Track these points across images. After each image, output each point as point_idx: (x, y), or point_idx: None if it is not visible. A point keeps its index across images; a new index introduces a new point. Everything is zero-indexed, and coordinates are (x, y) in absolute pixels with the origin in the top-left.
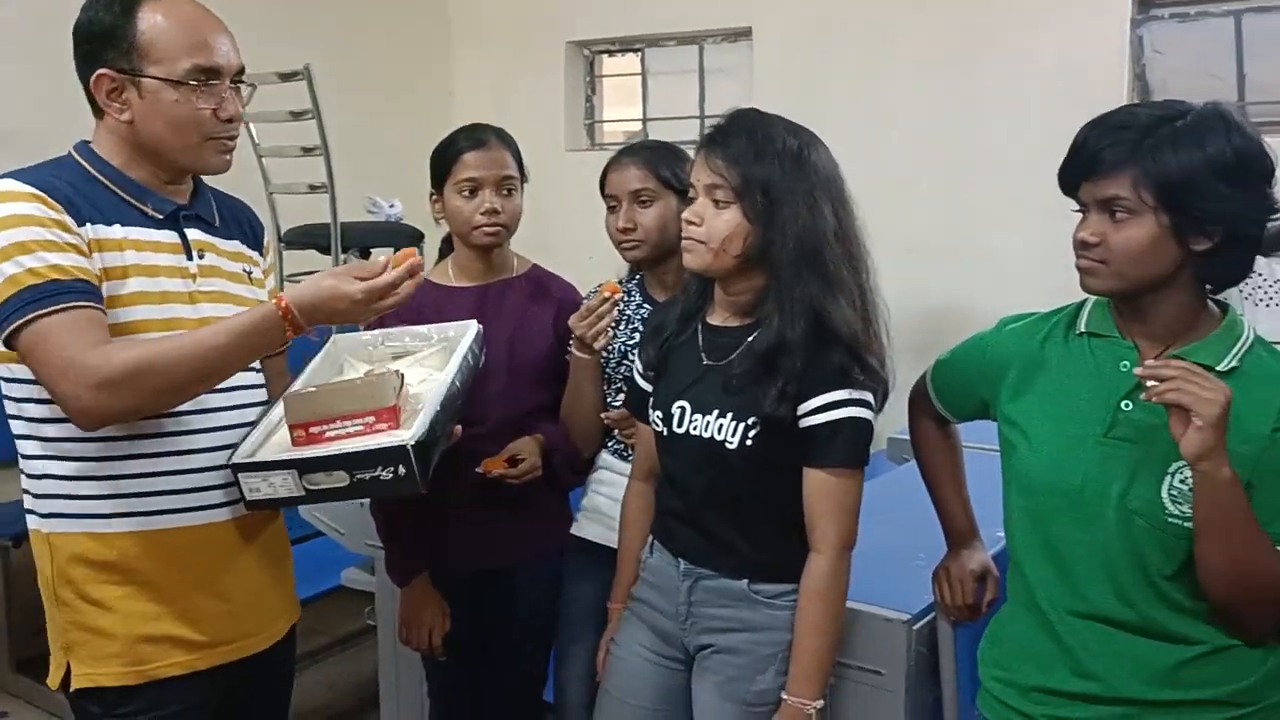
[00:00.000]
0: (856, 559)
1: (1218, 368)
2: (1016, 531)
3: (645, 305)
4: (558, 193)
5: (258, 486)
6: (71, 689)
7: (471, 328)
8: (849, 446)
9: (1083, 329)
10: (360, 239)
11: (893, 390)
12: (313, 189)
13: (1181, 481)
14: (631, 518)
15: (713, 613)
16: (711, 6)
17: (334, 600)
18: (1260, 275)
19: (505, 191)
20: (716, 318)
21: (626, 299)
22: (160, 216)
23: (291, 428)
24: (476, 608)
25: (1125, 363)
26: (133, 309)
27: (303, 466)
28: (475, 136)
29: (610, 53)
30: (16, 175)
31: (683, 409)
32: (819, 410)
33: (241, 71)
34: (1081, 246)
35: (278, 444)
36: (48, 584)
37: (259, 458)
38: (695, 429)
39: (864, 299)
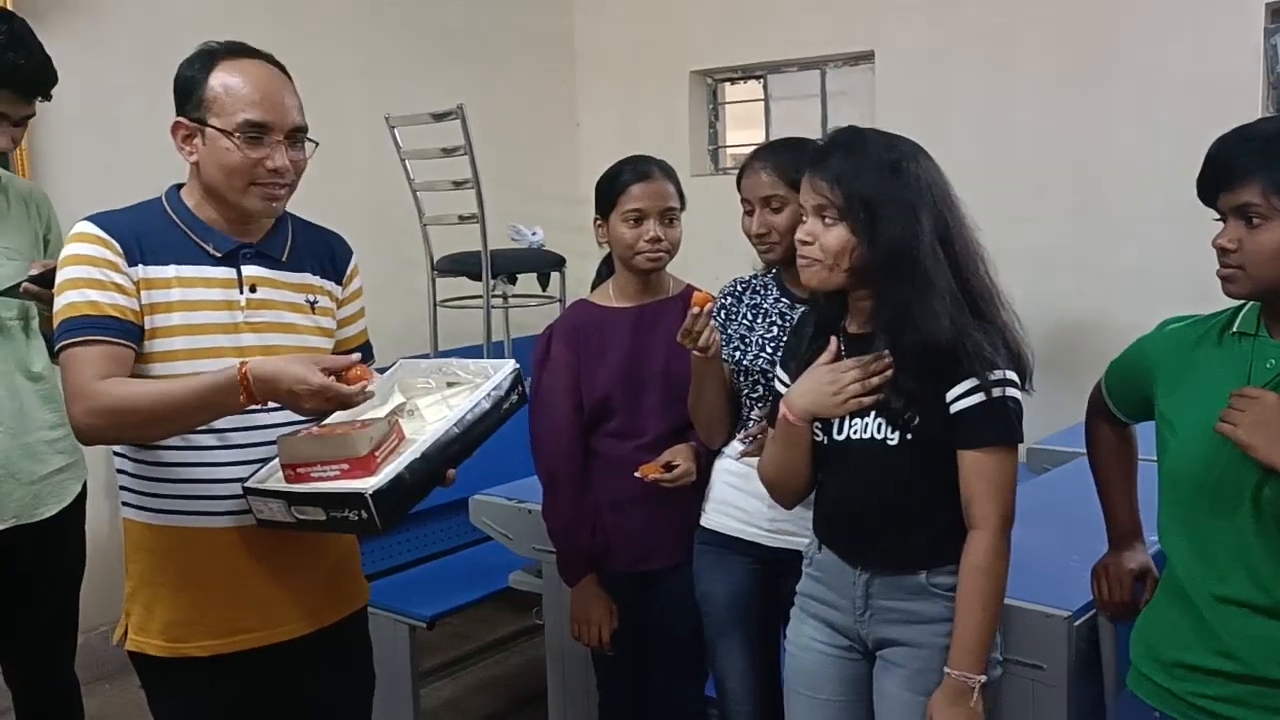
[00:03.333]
0: (1014, 560)
1: None
2: (1165, 521)
3: (783, 299)
4: (685, 216)
5: (260, 509)
6: (125, 647)
7: (506, 368)
8: (996, 425)
9: (1236, 329)
10: (507, 265)
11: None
12: (462, 219)
13: None
14: None
15: (891, 605)
16: (833, 32)
17: (500, 600)
18: None
19: (668, 221)
20: (854, 325)
21: (764, 292)
22: (219, 255)
23: (282, 466)
24: (638, 606)
25: (1271, 361)
26: (173, 339)
27: (290, 498)
28: (640, 169)
29: (732, 80)
30: (96, 217)
31: (840, 416)
32: (963, 396)
33: (300, 130)
34: (1221, 253)
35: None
36: (125, 558)
37: (264, 485)
38: (855, 433)
39: (973, 293)
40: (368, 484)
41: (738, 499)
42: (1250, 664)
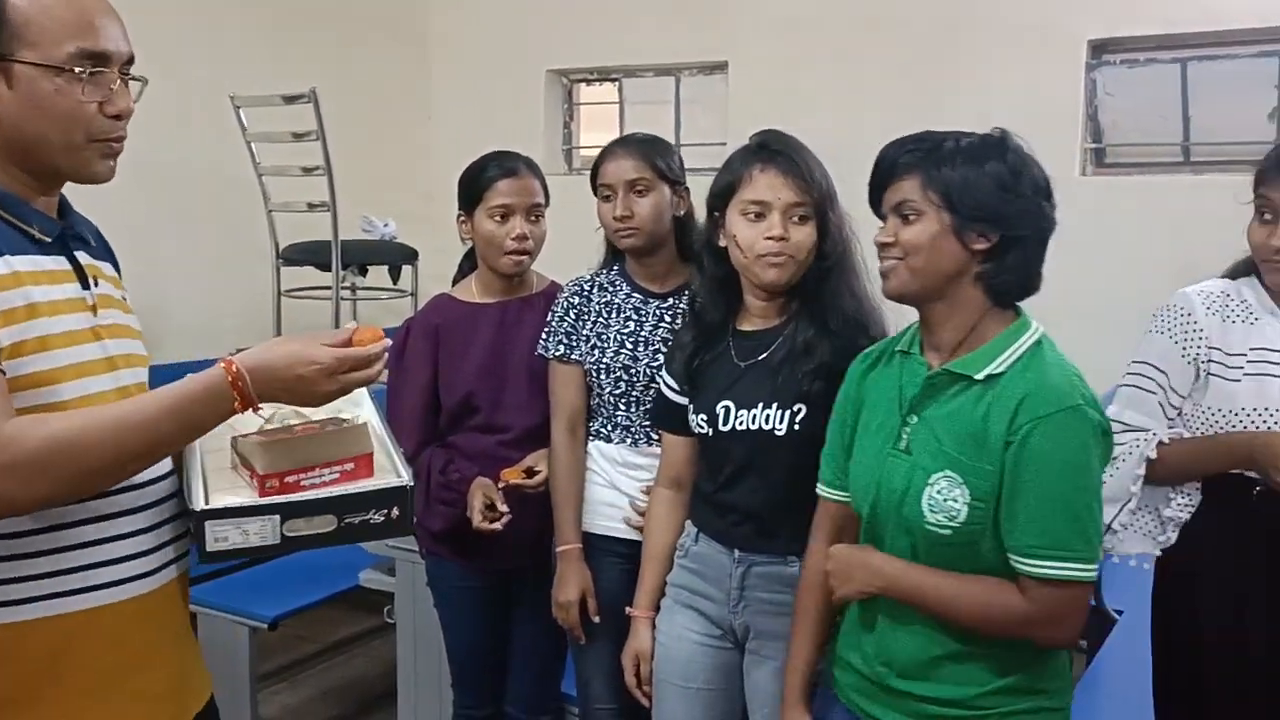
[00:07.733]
0: None
1: (976, 376)
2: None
3: (635, 294)
4: None
5: (227, 535)
6: None
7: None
8: None
9: (899, 347)
10: (358, 256)
11: None
12: (312, 207)
13: (938, 493)
14: (660, 524)
15: (764, 596)
16: (689, 40)
17: (339, 601)
18: (1228, 295)
19: (533, 218)
20: (748, 324)
21: (613, 289)
22: (49, 240)
23: (264, 476)
24: (500, 603)
25: (916, 382)
26: (38, 356)
27: (286, 511)
28: (507, 165)
29: (588, 81)
30: None
31: (727, 408)
32: None
33: (131, 61)
34: (880, 249)
35: (230, 490)
36: None
37: (229, 503)
38: (741, 424)
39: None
40: (394, 479)
41: (607, 496)
42: (895, 661)
